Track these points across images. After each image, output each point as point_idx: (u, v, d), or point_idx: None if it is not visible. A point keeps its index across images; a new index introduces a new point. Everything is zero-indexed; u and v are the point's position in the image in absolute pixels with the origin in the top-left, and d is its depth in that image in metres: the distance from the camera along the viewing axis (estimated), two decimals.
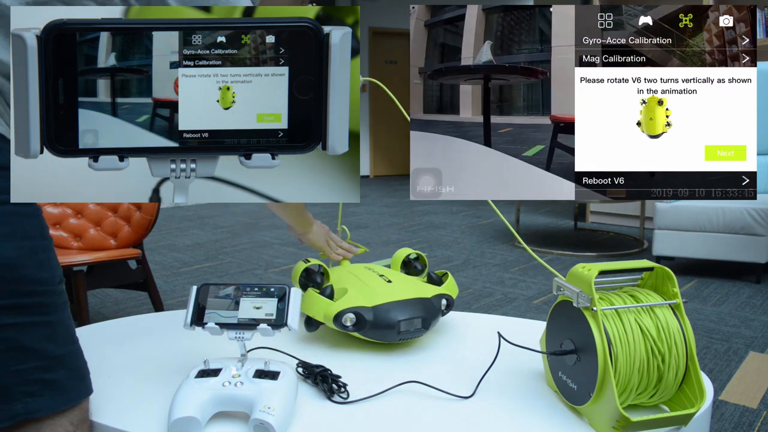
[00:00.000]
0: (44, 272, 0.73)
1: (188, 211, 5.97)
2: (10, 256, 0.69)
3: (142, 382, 0.92)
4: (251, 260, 3.91)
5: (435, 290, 1.11)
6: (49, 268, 0.75)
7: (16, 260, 0.70)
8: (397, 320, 1.01)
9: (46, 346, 0.72)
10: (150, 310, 2.80)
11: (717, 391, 2.02)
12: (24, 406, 0.70)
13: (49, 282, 0.74)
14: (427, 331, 1.04)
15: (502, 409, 0.84)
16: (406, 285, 1.11)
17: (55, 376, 0.73)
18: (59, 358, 0.74)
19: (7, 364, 0.70)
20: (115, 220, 2.50)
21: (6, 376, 0.70)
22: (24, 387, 0.70)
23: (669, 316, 0.78)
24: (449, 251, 4.14)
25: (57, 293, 0.75)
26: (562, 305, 0.84)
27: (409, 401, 0.86)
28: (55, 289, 0.75)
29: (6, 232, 0.70)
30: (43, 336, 0.72)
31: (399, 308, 1.02)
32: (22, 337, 0.70)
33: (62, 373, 0.74)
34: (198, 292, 0.85)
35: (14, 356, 0.70)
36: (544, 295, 3.12)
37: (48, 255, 0.75)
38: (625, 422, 0.73)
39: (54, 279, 0.75)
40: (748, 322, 2.72)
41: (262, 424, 0.74)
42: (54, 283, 0.75)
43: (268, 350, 1.02)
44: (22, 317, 0.70)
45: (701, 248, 3.38)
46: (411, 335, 1.02)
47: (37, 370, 0.71)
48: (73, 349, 0.77)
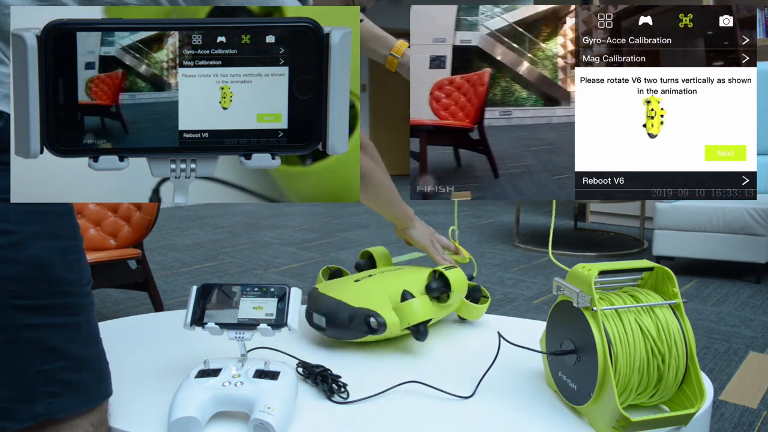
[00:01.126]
0: (74, 273, 0.73)
1: (188, 211, 5.97)
2: (43, 256, 0.69)
3: (141, 382, 0.92)
4: (251, 260, 3.91)
5: (386, 305, 1.03)
6: (79, 268, 0.74)
7: (48, 260, 0.70)
8: (313, 321, 1.06)
9: (71, 347, 0.72)
10: (150, 310, 2.80)
11: (717, 391, 2.02)
12: (46, 406, 0.70)
13: (77, 283, 0.74)
14: (326, 331, 1.04)
15: (502, 409, 0.84)
16: (378, 287, 1.08)
17: (78, 378, 0.73)
18: (83, 359, 0.73)
19: (33, 365, 0.69)
20: (115, 220, 2.50)
21: (30, 377, 0.69)
22: (47, 387, 0.70)
23: (669, 316, 0.78)
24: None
25: (84, 294, 0.75)
26: (562, 305, 0.84)
27: (409, 401, 0.86)
28: (83, 290, 0.74)
29: (41, 231, 0.69)
30: (70, 337, 0.72)
31: (328, 308, 1.04)
32: (50, 338, 0.70)
33: (85, 375, 0.74)
34: (198, 292, 0.86)
35: (41, 356, 0.70)
36: (544, 295, 3.12)
37: (78, 255, 0.75)
38: (625, 422, 0.73)
39: (82, 280, 0.75)
40: (748, 322, 2.72)
41: (262, 424, 0.74)
42: (82, 284, 0.74)
43: (268, 350, 1.02)
44: (51, 318, 0.70)
45: (701, 248, 3.38)
46: (325, 332, 1.04)
47: (61, 370, 0.71)
48: (97, 351, 0.77)
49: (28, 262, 0.68)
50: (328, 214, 5.81)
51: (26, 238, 0.68)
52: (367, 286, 1.08)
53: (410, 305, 1.01)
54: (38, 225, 0.69)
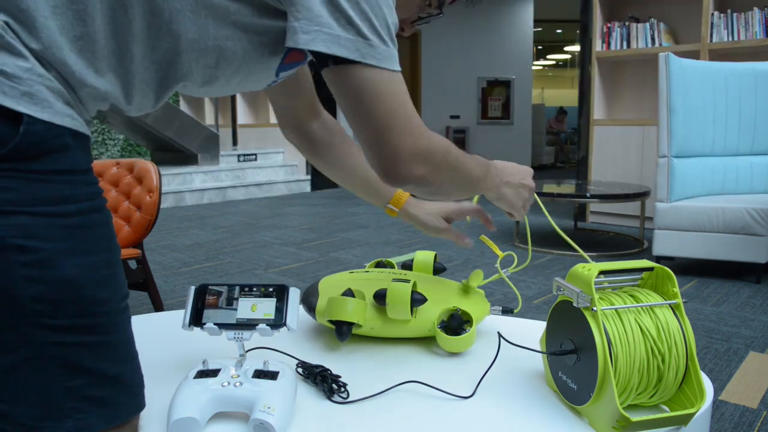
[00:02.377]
0: (106, 290, 0.68)
1: (188, 211, 5.97)
2: (70, 275, 0.64)
3: None
4: (251, 260, 3.91)
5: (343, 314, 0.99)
6: (113, 285, 0.69)
7: (76, 279, 0.65)
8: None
9: (102, 366, 0.68)
10: (150, 310, 2.80)
11: (717, 391, 2.02)
12: (74, 423, 0.66)
13: (109, 301, 0.69)
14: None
15: (502, 409, 0.84)
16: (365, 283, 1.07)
17: (108, 394, 0.69)
18: (113, 377, 0.70)
19: (61, 381, 0.66)
20: (115, 220, 2.50)
21: (59, 394, 0.66)
22: (75, 403, 0.67)
23: (669, 316, 0.78)
24: (449, 251, 4.14)
25: (119, 311, 0.70)
26: (562, 305, 0.84)
27: (409, 401, 0.86)
28: (117, 307, 0.70)
29: (71, 247, 0.65)
30: (101, 356, 0.68)
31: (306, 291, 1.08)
32: (78, 357, 0.66)
33: (113, 391, 0.70)
34: (196, 293, 0.85)
35: (68, 373, 0.66)
36: (544, 295, 3.12)
37: (112, 270, 0.70)
38: (625, 422, 0.73)
39: (116, 296, 0.70)
40: (748, 322, 2.72)
41: (262, 424, 0.74)
42: (116, 301, 0.70)
43: (267, 350, 1.02)
44: (79, 336, 0.66)
45: (701, 248, 3.37)
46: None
47: (89, 386, 0.67)
48: (131, 367, 0.73)
49: (55, 281, 0.63)
50: (328, 214, 5.81)
51: (54, 256, 0.63)
52: (356, 279, 1.10)
53: (343, 301, 0.99)
54: (68, 241, 0.65)
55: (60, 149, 0.66)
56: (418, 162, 0.78)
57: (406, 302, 0.98)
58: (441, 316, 1.02)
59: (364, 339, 1.08)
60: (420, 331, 1.03)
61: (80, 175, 0.68)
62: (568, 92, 18.09)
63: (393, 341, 1.08)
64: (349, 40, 0.73)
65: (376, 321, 1.01)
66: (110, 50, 0.71)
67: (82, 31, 0.69)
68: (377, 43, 0.74)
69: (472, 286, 1.09)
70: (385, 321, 1.01)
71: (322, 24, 0.72)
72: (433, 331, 1.02)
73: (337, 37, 0.72)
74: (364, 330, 1.02)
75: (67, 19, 0.68)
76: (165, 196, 6.32)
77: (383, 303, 0.99)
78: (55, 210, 0.64)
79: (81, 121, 0.70)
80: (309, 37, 0.72)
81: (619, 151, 4.97)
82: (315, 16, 0.72)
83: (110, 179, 2.56)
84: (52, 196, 0.64)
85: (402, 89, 0.77)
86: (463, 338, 0.99)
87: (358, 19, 0.73)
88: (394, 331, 1.03)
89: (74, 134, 0.68)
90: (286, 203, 6.64)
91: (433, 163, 0.80)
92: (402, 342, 1.08)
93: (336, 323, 1.00)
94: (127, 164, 2.57)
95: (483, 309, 1.06)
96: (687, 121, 3.47)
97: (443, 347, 1.01)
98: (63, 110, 0.67)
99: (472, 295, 1.08)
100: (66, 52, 0.68)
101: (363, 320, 1.00)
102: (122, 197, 2.53)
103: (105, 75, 0.72)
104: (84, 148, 0.70)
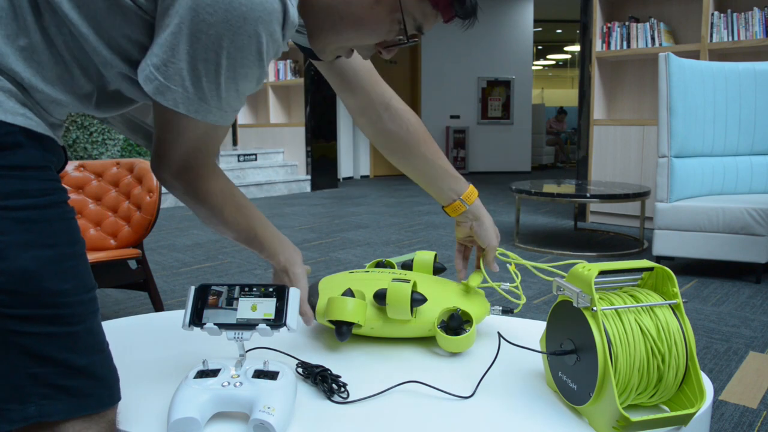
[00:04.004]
0: (67, 282, 0.70)
1: (188, 211, 5.97)
2: (27, 267, 0.66)
3: (141, 383, 0.92)
4: (251, 260, 3.91)
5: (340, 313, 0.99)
6: (75, 277, 0.71)
7: (34, 271, 0.66)
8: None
9: (69, 356, 0.69)
10: (150, 310, 2.80)
11: (717, 391, 2.02)
12: (38, 408, 0.68)
13: (72, 292, 0.70)
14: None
15: (502, 409, 0.84)
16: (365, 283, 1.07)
17: (78, 384, 0.70)
18: (82, 368, 0.71)
19: (24, 367, 0.67)
20: (115, 220, 2.50)
21: (22, 378, 0.67)
22: (40, 389, 0.68)
23: (669, 316, 0.78)
24: (449, 251, 4.14)
25: (85, 303, 0.71)
26: (562, 305, 0.84)
27: (409, 401, 0.86)
28: (81, 299, 0.71)
29: (22, 241, 0.66)
30: (66, 347, 0.69)
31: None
32: (41, 347, 0.68)
33: (83, 381, 0.71)
34: (196, 293, 0.85)
35: (32, 361, 0.67)
36: (544, 295, 3.12)
37: (74, 263, 0.71)
38: (625, 422, 0.73)
39: (79, 289, 0.71)
40: (748, 322, 2.72)
41: (262, 424, 0.74)
42: (79, 293, 0.71)
43: (267, 350, 1.02)
44: (42, 327, 0.68)
45: (701, 248, 3.37)
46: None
47: (56, 375, 0.69)
48: (100, 358, 0.73)
49: (12, 273, 0.65)
50: (328, 214, 5.81)
51: (9, 247, 0.65)
52: (356, 279, 1.09)
53: (343, 301, 0.98)
54: (25, 234, 0.67)
55: (10, 146, 0.68)
56: None
57: (406, 302, 0.97)
58: (441, 316, 1.02)
59: (364, 339, 1.09)
60: (420, 331, 1.03)
61: (33, 172, 0.69)
62: (568, 92, 18.09)
63: (393, 341, 1.08)
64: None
65: (376, 321, 1.01)
66: (54, 62, 0.73)
67: (26, 42, 0.71)
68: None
69: (472, 286, 1.09)
70: (385, 321, 1.01)
71: None
72: (433, 331, 1.02)
73: None
74: (364, 330, 1.02)
75: (12, 30, 0.70)
76: (165, 196, 6.32)
77: (383, 303, 0.99)
78: (5, 204, 0.66)
79: (38, 121, 0.71)
80: None
81: (619, 151, 4.97)
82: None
83: (110, 179, 2.56)
84: (1, 191, 0.66)
85: None
86: (463, 338, 0.99)
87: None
88: (394, 331, 1.03)
89: (28, 133, 0.70)
90: (286, 203, 6.64)
91: None
92: (402, 342, 1.08)
93: (336, 323, 1.00)
94: (127, 164, 2.57)
95: (483, 309, 1.06)
96: (687, 121, 3.47)
97: (443, 347, 1.01)
98: (15, 109, 0.69)
99: (472, 295, 1.08)
100: (12, 60, 0.70)
101: (363, 320, 1.00)
102: (122, 197, 2.53)
103: (55, 84, 0.74)
104: (43, 147, 0.72)
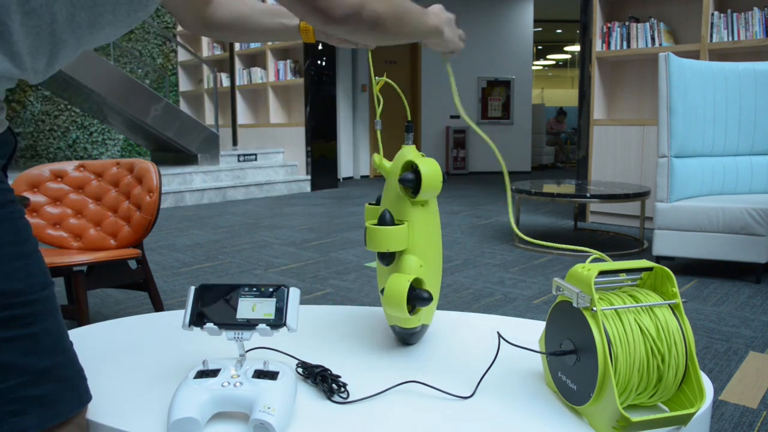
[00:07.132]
0: (18, 282, 0.67)
1: (188, 211, 5.97)
2: None
3: (141, 383, 0.92)
4: (251, 260, 3.91)
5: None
6: (26, 276, 0.68)
7: None
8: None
9: (29, 361, 0.66)
10: (150, 310, 2.80)
11: (717, 391, 2.02)
12: (10, 427, 0.65)
13: (25, 292, 0.67)
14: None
15: (502, 409, 0.84)
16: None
17: (43, 392, 0.67)
18: (45, 371, 0.68)
19: None
20: (115, 220, 2.50)
21: None
22: (9, 406, 0.65)
23: (668, 316, 0.78)
24: (449, 251, 4.14)
25: (40, 301, 0.68)
26: (561, 305, 0.84)
27: (409, 401, 0.86)
28: (36, 298, 0.68)
29: None
30: (24, 350, 0.66)
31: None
32: (3, 355, 0.65)
33: (50, 387, 0.68)
34: (196, 293, 0.85)
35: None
36: (544, 295, 3.12)
37: (24, 262, 0.68)
38: (625, 422, 0.73)
39: (34, 287, 0.68)
40: (748, 322, 2.72)
41: (262, 424, 0.74)
42: (34, 292, 0.68)
43: (267, 350, 1.02)
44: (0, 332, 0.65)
45: (701, 248, 3.37)
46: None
47: (21, 386, 0.66)
48: (64, 359, 0.71)
49: None
50: (328, 214, 5.81)
51: None
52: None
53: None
54: None
55: None
56: None
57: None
58: (401, 171, 0.99)
59: (363, 339, 1.09)
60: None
61: None
62: (568, 92, 18.09)
63: (393, 341, 1.08)
64: None
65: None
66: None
67: None
68: None
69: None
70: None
71: None
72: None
73: None
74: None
75: None
76: (165, 196, 6.32)
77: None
78: None
79: None
80: None
81: (619, 151, 4.97)
82: None
83: (110, 179, 2.56)
84: None
85: None
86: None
87: None
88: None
89: None
90: (286, 203, 6.64)
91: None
92: (402, 342, 1.08)
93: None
94: (127, 164, 2.57)
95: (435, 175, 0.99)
96: (687, 121, 3.47)
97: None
98: None
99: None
100: None
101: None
102: (122, 197, 2.53)
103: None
104: None
